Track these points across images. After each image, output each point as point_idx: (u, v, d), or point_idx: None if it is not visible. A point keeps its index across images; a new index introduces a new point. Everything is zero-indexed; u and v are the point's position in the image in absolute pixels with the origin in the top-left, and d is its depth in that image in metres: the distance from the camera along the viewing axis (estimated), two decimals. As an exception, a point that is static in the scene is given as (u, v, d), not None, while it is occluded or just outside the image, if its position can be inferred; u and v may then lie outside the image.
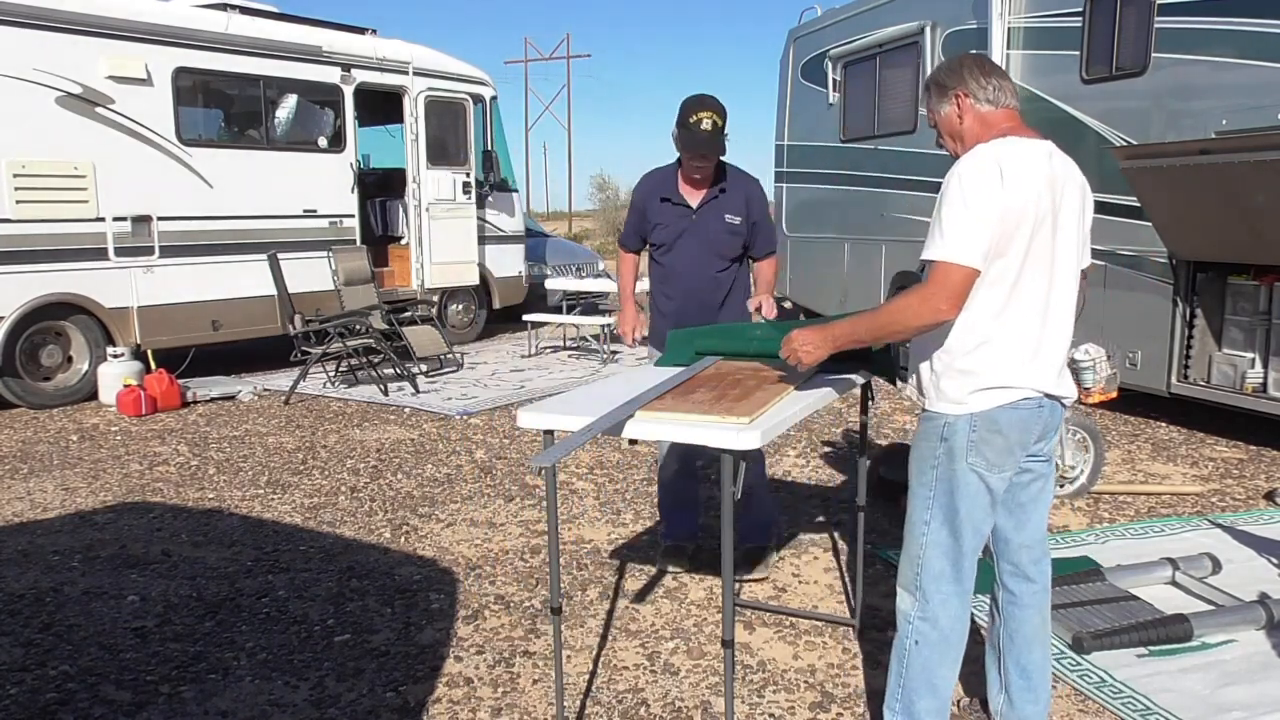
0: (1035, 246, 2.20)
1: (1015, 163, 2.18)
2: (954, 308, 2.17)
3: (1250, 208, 5.19)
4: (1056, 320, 2.29)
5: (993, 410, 2.25)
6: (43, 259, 7.16)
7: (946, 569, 2.35)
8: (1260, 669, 2.99)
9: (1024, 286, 2.22)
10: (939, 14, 7.84)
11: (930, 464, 2.33)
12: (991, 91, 2.30)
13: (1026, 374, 2.26)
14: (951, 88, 2.33)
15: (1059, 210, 2.24)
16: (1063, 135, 6.72)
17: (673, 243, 3.67)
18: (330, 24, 9.30)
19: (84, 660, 3.16)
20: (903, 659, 2.40)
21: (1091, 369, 4.68)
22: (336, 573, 3.91)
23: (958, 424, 2.28)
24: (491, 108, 10.61)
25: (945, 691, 2.39)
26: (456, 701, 2.89)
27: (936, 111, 2.39)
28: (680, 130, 3.48)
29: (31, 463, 5.73)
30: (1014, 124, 2.30)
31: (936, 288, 2.15)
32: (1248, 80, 5.57)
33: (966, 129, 2.32)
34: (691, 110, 3.45)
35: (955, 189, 2.16)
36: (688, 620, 3.44)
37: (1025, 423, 2.30)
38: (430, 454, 5.85)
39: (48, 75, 7.10)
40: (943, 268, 2.15)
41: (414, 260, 9.93)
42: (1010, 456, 2.31)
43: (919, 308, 2.19)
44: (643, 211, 3.73)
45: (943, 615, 2.35)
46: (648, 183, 3.75)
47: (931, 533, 2.35)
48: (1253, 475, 5.29)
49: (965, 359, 2.25)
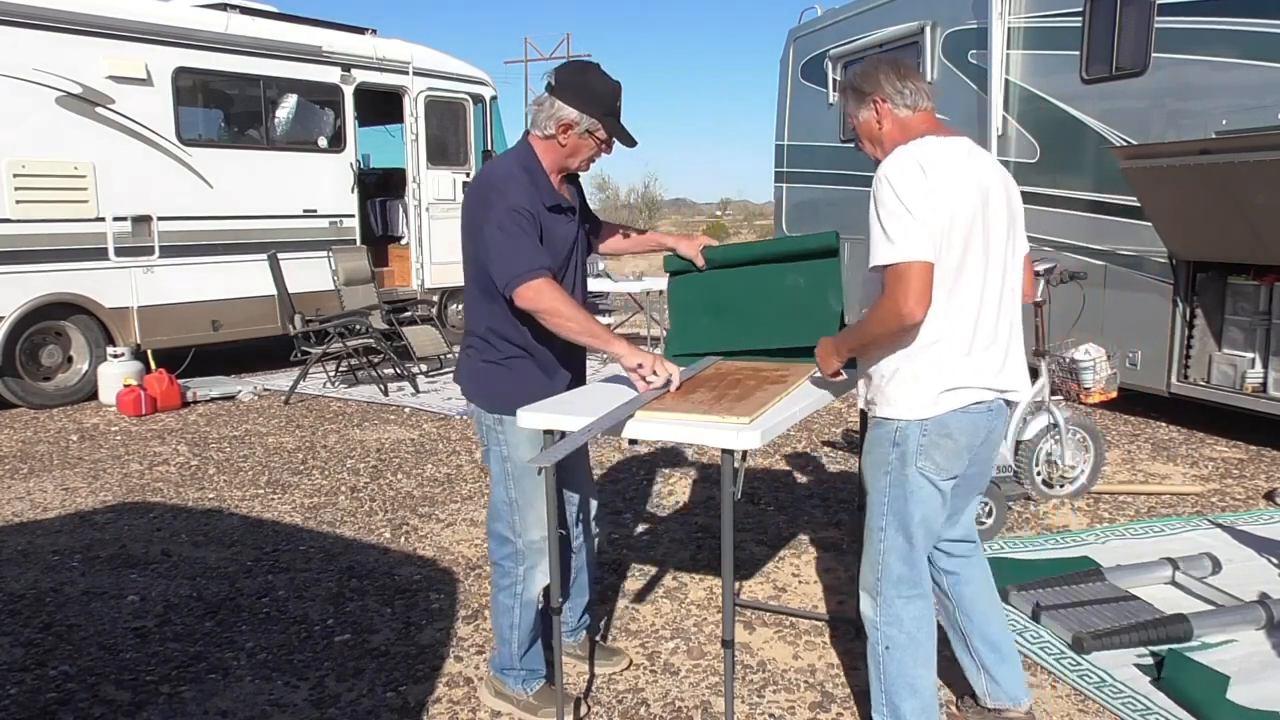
0: (970, 243, 2.23)
1: (937, 162, 2.21)
2: (921, 306, 2.17)
3: (1250, 208, 5.19)
4: (995, 314, 2.31)
5: (944, 415, 2.28)
6: (43, 259, 7.16)
7: (905, 573, 2.38)
8: (1260, 669, 2.99)
9: (962, 284, 2.24)
10: (939, 14, 7.84)
11: (884, 470, 2.35)
12: (909, 96, 2.33)
13: (971, 372, 2.28)
14: (869, 93, 2.36)
15: (986, 205, 2.27)
16: (1063, 135, 6.81)
17: (565, 261, 2.69)
18: (330, 24, 9.30)
19: (84, 660, 3.16)
20: (878, 665, 2.42)
21: (1091, 369, 4.69)
22: (336, 573, 3.91)
23: (909, 429, 2.30)
24: (491, 108, 10.61)
25: (927, 690, 2.42)
26: (456, 701, 2.89)
27: (855, 116, 2.42)
28: (610, 121, 2.62)
29: (31, 463, 5.73)
30: (931, 126, 2.34)
31: (898, 291, 2.16)
32: (1248, 80, 5.57)
33: (886, 134, 2.36)
34: (614, 91, 2.62)
35: (887, 192, 2.18)
36: (688, 620, 3.44)
37: (974, 426, 2.33)
38: (430, 454, 5.85)
39: (48, 75, 7.10)
40: (897, 270, 2.16)
41: (414, 260, 9.93)
42: (959, 460, 2.34)
43: (886, 317, 2.21)
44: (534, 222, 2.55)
45: (906, 617, 2.38)
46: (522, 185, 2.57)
47: (888, 539, 2.38)
48: (1253, 475, 5.29)
49: (912, 363, 2.27)
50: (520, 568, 2.74)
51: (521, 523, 2.71)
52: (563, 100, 2.57)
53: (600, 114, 2.59)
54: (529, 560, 2.73)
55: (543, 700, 2.80)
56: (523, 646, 2.78)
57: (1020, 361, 2.40)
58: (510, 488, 2.70)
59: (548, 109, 2.59)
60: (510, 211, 2.50)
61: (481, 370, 2.72)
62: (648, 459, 5.60)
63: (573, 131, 2.59)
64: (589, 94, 2.58)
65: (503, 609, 2.78)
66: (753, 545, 4.19)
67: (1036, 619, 3.35)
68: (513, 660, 2.80)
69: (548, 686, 2.82)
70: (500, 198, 2.53)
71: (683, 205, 70.41)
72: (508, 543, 2.75)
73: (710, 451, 5.49)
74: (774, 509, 4.70)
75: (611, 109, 2.60)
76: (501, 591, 2.78)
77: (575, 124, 2.58)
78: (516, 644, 2.78)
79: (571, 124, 2.58)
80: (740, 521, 4.43)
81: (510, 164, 2.64)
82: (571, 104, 2.57)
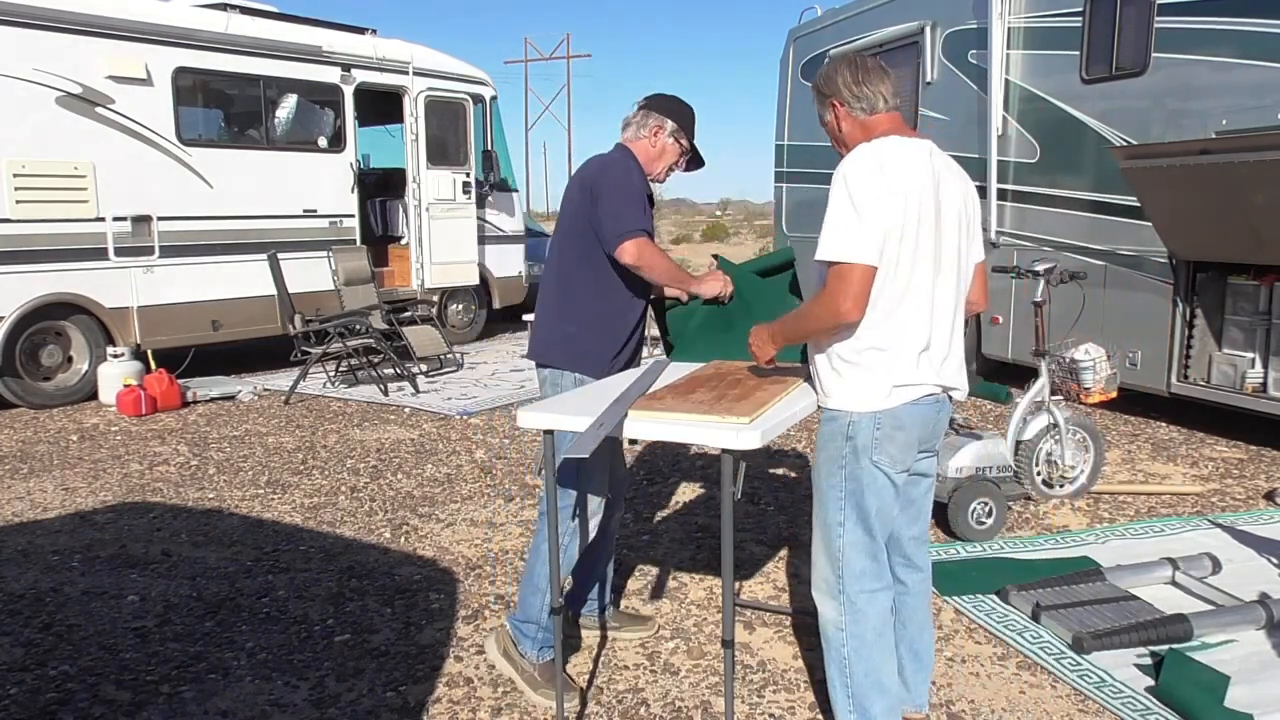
0: (921, 242, 2.25)
1: (895, 161, 2.23)
2: (858, 308, 2.19)
3: (1250, 208, 5.19)
4: (944, 314, 2.33)
5: (896, 408, 2.30)
6: (43, 259, 7.16)
7: (868, 566, 2.38)
8: (1260, 669, 2.99)
9: (914, 282, 2.26)
10: (939, 14, 7.84)
11: (838, 464, 2.36)
12: (866, 100, 2.36)
13: (921, 369, 2.30)
14: (828, 96, 2.40)
15: (941, 207, 2.29)
16: (1063, 135, 6.81)
17: None
18: (330, 24, 9.30)
19: (84, 660, 3.16)
20: (844, 669, 2.40)
21: (1091, 369, 4.69)
22: (336, 573, 3.91)
23: (861, 422, 2.31)
24: (491, 108, 10.62)
25: (893, 686, 2.42)
26: (456, 701, 2.90)
27: (821, 116, 2.45)
28: (689, 144, 3.09)
29: (31, 463, 5.73)
30: (894, 126, 2.35)
31: (838, 289, 2.19)
32: (1248, 80, 5.57)
33: (847, 134, 2.40)
34: (694, 115, 3.11)
35: (841, 189, 2.20)
36: (688, 620, 3.44)
37: (925, 418, 2.36)
38: (430, 454, 5.85)
39: (48, 75, 7.10)
40: (839, 269, 2.18)
41: (414, 260, 9.93)
42: (910, 452, 2.37)
43: (822, 313, 2.24)
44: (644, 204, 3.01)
45: (871, 612, 2.38)
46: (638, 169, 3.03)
47: (848, 533, 2.37)
48: (1253, 475, 5.29)
49: (863, 356, 2.29)
50: (574, 522, 2.89)
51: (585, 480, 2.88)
52: (655, 111, 3.05)
53: (684, 124, 3.06)
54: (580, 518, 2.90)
55: (545, 678, 2.83)
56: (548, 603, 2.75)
57: (962, 362, 2.44)
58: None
59: (641, 118, 3.05)
60: (632, 184, 2.95)
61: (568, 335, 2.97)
62: (648, 459, 5.61)
63: (662, 134, 3.03)
64: (677, 108, 3.07)
65: (540, 558, 2.84)
66: (753, 545, 4.19)
67: (1036, 619, 3.35)
68: (540, 613, 2.84)
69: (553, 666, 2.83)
70: (623, 173, 2.95)
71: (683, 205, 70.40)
72: (568, 495, 2.88)
73: (710, 451, 5.49)
74: (774, 509, 4.70)
75: (690, 126, 3.08)
76: (543, 544, 2.80)
77: (664, 128, 3.03)
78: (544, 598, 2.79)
79: (661, 127, 3.03)
80: (740, 521, 4.43)
81: (621, 154, 3.05)
82: (663, 112, 3.05)
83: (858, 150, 2.27)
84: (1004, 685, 2.96)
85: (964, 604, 3.52)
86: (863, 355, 2.28)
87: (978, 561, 3.95)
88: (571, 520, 2.92)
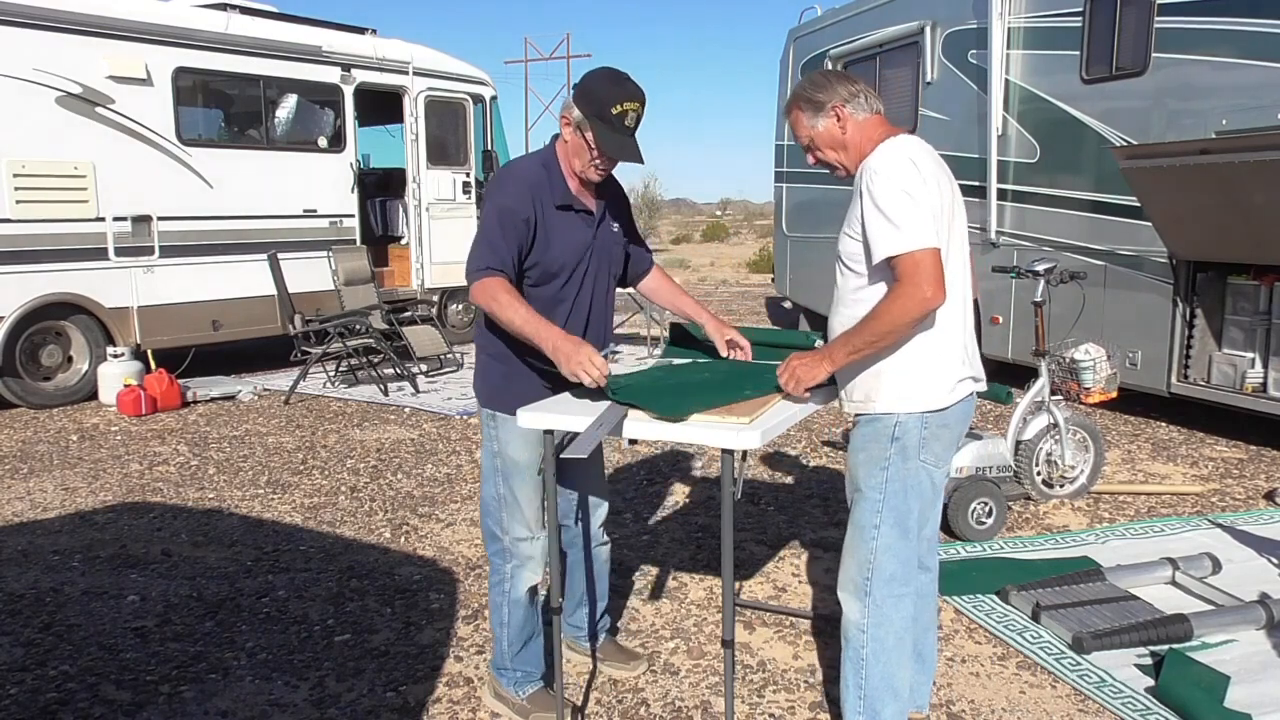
0: (952, 234, 2.29)
1: (921, 158, 2.26)
2: (941, 290, 2.19)
3: (1250, 208, 5.19)
4: (969, 305, 2.39)
5: (945, 405, 2.31)
6: (43, 259, 7.16)
7: (898, 571, 2.37)
8: (1260, 669, 2.99)
9: (952, 275, 2.27)
10: (939, 14, 7.84)
11: (880, 466, 2.34)
12: (864, 100, 2.38)
13: (964, 363, 2.34)
14: (828, 103, 2.39)
15: (955, 201, 2.34)
16: (1063, 135, 6.81)
17: (574, 266, 2.61)
18: (330, 24, 9.30)
19: (84, 660, 3.16)
20: (860, 670, 2.39)
21: (1091, 369, 4.69)
22: (336, 573, 3.91)
23: (909, 422, 2.30)
24: (491, 107, 10.61)
25: (904, 690, 2.42)
26: (456, 701, 2.90)
27: (812, 128, 2.43)
28: (598, 124, 2.46)
29: (31, 463, 5.73)
30: (887, 127, 2.38)
31: (916, 277, 2.17)
32: (1248, 80, 5.57)
33: (850, 139, 2.39)
34: (615, 98, 2.45)
35: (886, 185, 2.20)
36: (688, 620, 3.44)
37: (966, 414, 2.41)
38: (430, 454, 5.85)
39: (48, 75, 7.10)
40: (911, 257, 2.17)
41: (414, 260, 9.93)
42: (952, 449, 2.41)
43: (906, 305, 2.19)
44: (526, 223, 2.50)
45: (896, 617, 2.38)
46: (526, 183, 2.53)
47: (882, 536, 2.36)
48: (1253, 475, 5.29)
49: (908, 356, 2.28)
50: (508, 565, 2.73)
51: (509, 519, 2.71)
52: (574, 94, 2.53)
53: (590, 113, 2.46)
54: (515, 559, 2.72)
55: (537, 705, 2.78)
56: (513, 646, 2.78)
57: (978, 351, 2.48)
58: (499, 484, 2.71)
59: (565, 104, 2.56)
60: (494, 209, 2.50)
61: (481, 365, 2.75)
62: (648, 459, 5.61)
63: (569, 126, 2.52)
64: (584, 91, 2.50)
65: (494, 606, 2.81)
66: (753, 545, 4.19)
67: (1036, 619, 3.35)
68: (504, 659, 2.81)
69: (545, 691, 2.80)
70: (496, 193, 2.55)
71: (683, 205, 70.40)
72: (496, 539, 2.75)
73: (710, 451, 5.49)
74: (774, 509, 4.70)
75: (602, 111, 2.44)
76: (493, 588, 2.80)
77: (569, 118, 2.51)
78: (506, 642, 2.78)
79: (568, 118, 2.52)
80: (740, 521, 4.43)
81: (530, 159, 2.64)
82: (574, 97, 2.52)
83: (884, 149, 2.27)
84: (1004, 685, 2.96)
85: (964, 604, 3.52)
86: (910, 354, 2.28)
87: (978, 561, 3.95)
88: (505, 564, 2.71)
